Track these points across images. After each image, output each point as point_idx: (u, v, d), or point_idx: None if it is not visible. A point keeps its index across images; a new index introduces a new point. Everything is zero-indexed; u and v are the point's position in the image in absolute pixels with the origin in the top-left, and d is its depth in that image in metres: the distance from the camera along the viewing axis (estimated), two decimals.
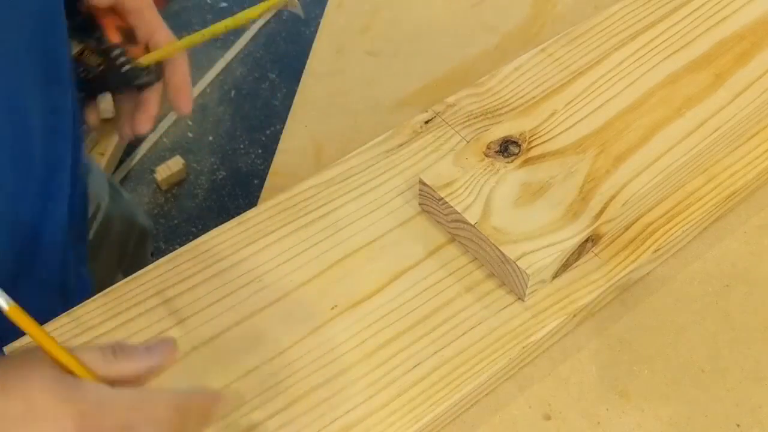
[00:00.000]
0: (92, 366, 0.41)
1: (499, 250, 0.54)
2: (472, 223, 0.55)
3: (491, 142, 0.60)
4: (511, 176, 0.58)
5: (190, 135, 1.76)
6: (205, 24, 1.91)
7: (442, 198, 0.57)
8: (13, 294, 0.40)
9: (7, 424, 0.38)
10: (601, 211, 0.56)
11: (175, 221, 1.63)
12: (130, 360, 0.42)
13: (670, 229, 0.59)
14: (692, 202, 0.61)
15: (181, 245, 0.59)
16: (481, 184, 0.57)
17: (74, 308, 0.55)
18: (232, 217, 0.60)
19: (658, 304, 0.59)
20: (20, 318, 0.40)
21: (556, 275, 0.56)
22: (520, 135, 0.60)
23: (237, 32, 1.90)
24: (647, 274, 0.60)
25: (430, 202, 0.59)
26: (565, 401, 0.55)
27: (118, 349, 0.42)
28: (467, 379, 0.52)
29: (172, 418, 0.40)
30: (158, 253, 1.19)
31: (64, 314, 0.55)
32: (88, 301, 0.56)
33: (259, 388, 0.52)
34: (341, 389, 0.52)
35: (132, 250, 0.86)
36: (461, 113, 0.66)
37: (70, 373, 0.40)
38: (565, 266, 0.56)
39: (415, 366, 0.53)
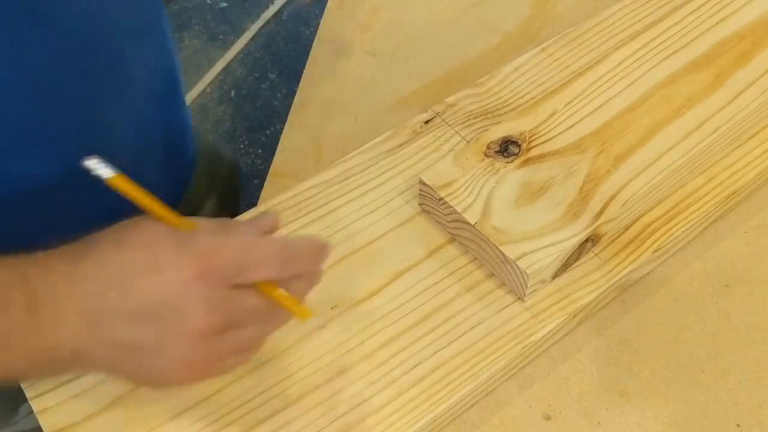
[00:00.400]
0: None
1: (499, 250, 0.54)
2: (472, 223, 0.55)
3: (491, 142, 0.60)
4: (511, 176, 0.58)
5: None
6: (205, 24, 1.91)
7: (442, 198, 0.57)
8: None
9: (136, 274, 0.41)
10: (601, 211, 0.56)
11: None
12: (236, 230, 0.45)
13: (670, 229, 0.59)
14: (692, 202, 0.61)
15: None
16: (481, 184, 0.57)
17: None
18: None
19: (658, 304, 0.59)
20: (125, 185, 0.41)
21: (556, 275, 0.56)
22: (520, 135, 0.60)
23: (237, 32, 1.90)
24: (647, 274, 0.60)
25: (430, 202, 0.59)
26: (565, 401, 0.55)
27: (224, 222, 0.45)
28: (467, 379, 0.52)
29: (280, 257, 0.43)
30: None
31: None
32: None
33: (259, 388, 0.52)
34: (341, 389, 0.52)
35: (224, 185, 0.83)
36: (461, 113, 0.66)
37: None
38: (565, 266, 0.56)
39: (415, 366, 0.53)
